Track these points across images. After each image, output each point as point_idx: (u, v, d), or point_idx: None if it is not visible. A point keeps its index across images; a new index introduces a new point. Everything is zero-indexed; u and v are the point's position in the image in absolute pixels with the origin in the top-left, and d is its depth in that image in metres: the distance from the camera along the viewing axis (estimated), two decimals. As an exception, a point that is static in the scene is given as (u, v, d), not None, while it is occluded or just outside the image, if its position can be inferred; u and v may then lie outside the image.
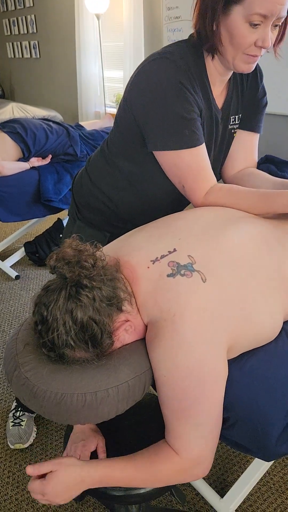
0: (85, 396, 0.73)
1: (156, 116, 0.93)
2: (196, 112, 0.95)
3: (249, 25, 0.86)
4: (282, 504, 1.28)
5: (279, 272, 0.83)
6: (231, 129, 1.12)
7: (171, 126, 0.93)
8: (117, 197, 1.14)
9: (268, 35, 0.87)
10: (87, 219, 1.23)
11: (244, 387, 0.76)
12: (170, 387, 0.73)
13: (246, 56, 0.91)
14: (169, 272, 0.77)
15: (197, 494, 1.30)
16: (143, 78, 0.94)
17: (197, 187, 0.99)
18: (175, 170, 0.99)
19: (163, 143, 0.95)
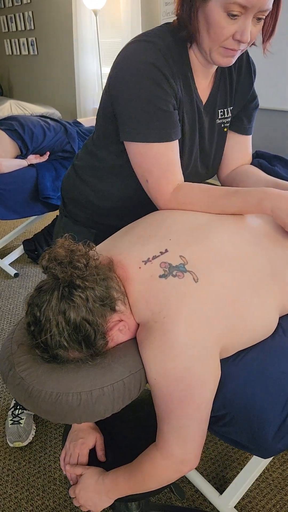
0: (80, 395, 0.72)
1: (129, 104, 0.87)
2: (173, 103, 0.89)
3: (227, 15, 0.79)
4: (281, 500, 1.28)
5: (271, 268, 0.83)
6: (221, 123, 1.07)
7: (143, 116, 0.87)
8: (100, 190, 1.11)
9: (247, 28, 0.81)
10: (73, 215, 1.21)
11: (241, 383, 0.76)
12: (158, 389, 0.74)
13: (224, 49, 0.85)
14: (161, 273, 0.77)
15: (197, 491, 1.31)
16: (120, 62, 0.88)
17: (164, 182, 0.92)
18: (140, 161, 0.92)
19: (133, 133, 0.89)
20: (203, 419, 0.74)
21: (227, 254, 0.80)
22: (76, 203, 1.18)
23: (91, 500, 0.84)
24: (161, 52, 0.85)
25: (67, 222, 1.23)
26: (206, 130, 1.04)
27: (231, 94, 1.05)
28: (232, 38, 0.83)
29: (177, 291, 0.74)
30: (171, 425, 0.74)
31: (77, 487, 0.86)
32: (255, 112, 1.11)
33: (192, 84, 0.95)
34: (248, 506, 1.26)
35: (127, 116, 0.88)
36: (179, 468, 0.76)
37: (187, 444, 0.74)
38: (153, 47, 0.85)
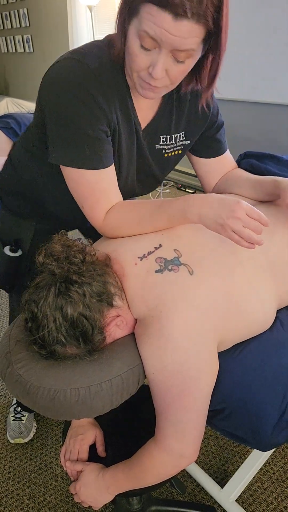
0: (78, 391, 0.72)
1: (59, 128, 0.80)
2: (104, 130, 0.81)
3: (140, 45, 0.71)
4: (283, 493, 1.28)
5: (266, 258, 0.83)
6: (162, 149, 0.98)
7: (72, 142, 0.80)
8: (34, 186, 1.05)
9: (158, 63, 0.71)
10: (11, 207, 1.14)
11: (239, 377, 0.76)
12: (156, 383, 0.74)
13: (141, 80, 0.77)
14: (157, 268, 0.77)
15: (198, 485, 1.31)
16: (48, 81, 0.80)
17: (98, 209, 0.87)
18: (74, 186, 0.86)
19: (63, 158, 0.82)
20: (201, 412, 0.74)
21: (221, 246, 0.80)
22: (13, 194, 1.11)
23: (92, 496, 0.84)
24: (93, 72, 0.77)
25: (5, 215, 1.16)
26: (146, 153, 0.97)
27: (179, 122, 0.96)
28: (147, 71, 0.74)
29: (173, 285, 0.74)
30: (169, 419, 0.74)
31: (78, 483, 0.86)
32: (222, 130, 1.05)
33: (130, 105, 0.86)
34: (250, 500, 1.27)
35: (58, 139, 0.81)
36: (177, 463, 0.76)
37: (185, 438, 0.74)
38: (84, 67, 0.77)
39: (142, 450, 0.79)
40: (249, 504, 1.25)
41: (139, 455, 0.79)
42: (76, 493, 0.86)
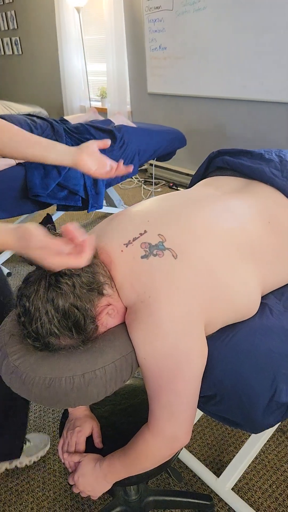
0: (73, 378, 0.74)
1: None
2: None
3: None
4: (277, 480, 1.30)
5: (250, 244, 0.86)
6: None
7: None
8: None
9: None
10: None
11: (230, 362, 0.78)
12: (148, 368, 0.76)
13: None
14: (142, 254, 0.79)
15: (194, 476, 1.33)
16: None
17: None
18: None
19: None
20: (192, 395, 0.76)
21: (204, 229, 0.83)
22: None
23: (90, 485, 0.86)
24: None
25: None
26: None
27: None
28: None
29: (159, 270, 0.77)
30: (161, 403, 0.76)
31: (76, 474, 0.87)
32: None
33: None
34: (245, 488, 1.29)
35: None
36: (170, 445, 0.78)
37: (177, 420, 0.76)
38: None
39: (136, 436, 0.81)
40: (245, 492, 1.27)
41: (134, 441, 0.81)
42: (75, 483, 0.87)
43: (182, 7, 3.06)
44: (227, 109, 3.04)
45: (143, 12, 3.36)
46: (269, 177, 1.01)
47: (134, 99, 3.88)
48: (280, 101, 2.70)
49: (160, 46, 3.37)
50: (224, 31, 2.81)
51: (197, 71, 3.14)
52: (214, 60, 2.97)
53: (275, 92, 2.70)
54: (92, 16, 3.92)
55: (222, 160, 1.13)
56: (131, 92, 3.87)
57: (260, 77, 2.74)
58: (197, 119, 3.30)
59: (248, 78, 2.82)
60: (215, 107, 3.12)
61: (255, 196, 0.97)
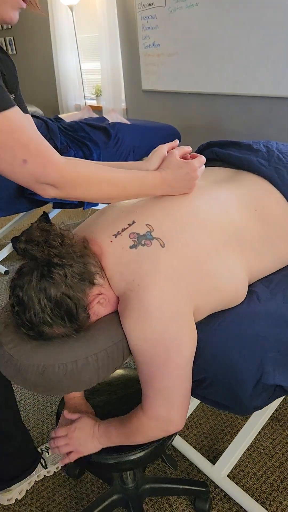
0: (66, 365, 0.76)
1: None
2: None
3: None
4: (272, 467, 1.33)
5: (237, 232, 0.88)
6: None
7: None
8: None
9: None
10: None
11: (218, 347, 0.80)
12: (140, 354, 0.78)
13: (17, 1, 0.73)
14: (131, 243, 0.82)
15: (191, 464, 1.35)
16: None
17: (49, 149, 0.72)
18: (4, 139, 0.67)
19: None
20: (184, 378, 0.78)
21: (191, 220, 0.85)
22: None
23: (83, 439, 0.89)
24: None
25: None
26: None
27: None
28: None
29: (147, 259, 0.79)
30: (155, 388, 0.78)
31: (73, 426, 0.90)
32: None
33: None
34: (240, 475, 1.31)
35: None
36: (165, 428, 0.80)
37: (172, 404, 0.78)
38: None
39: (131, 416, 0.83)
40: (240, 478, 1.30)
41: (130, 419, 0.84)
42: (67, 434, 0.90)
43: (175, 4, 3.07)
44: (221, 104, 3.05)
45: (135, 9, 3.37)
46: (256, 166, 1.03)
47: (129, 97, 3.89)
48: (273, 96, 2.71)
49: (153, 43, 3.38)
50: (217, 27, 2.83)
51: (190, 68, 3.15)
52: (207, 56, 2.98)
53: (268, 87, 2.72)
54: (85, 14, 3.93)
55: (211, 151, 1.15)
56: (126, 89, 3.88)
57: (253, 72, 2.76)
58: (192, 115, 3.31)
59: (241, 73, 2.84)
60: (209, 103, 3.13)
61: (242, 185, 1.00)
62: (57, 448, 0.91)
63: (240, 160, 1.07)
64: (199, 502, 1.21)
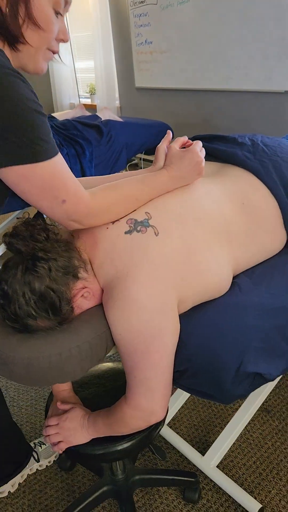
0: (50, 357, 0.78)
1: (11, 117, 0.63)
2: None
3: (54, 12, 0.72)
4: (261, 457, 1.34)
5: (225, 225, 0.90)
6: None
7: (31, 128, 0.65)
8: None
9: (65, 26, 0.76)
10: None
11: (201, 336, 0.82)
12: (123, 345, 0.79)
13: (49, 52, 0.76)
14: (126, 229, 0.84)
15: (181, 456, 1.37)
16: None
17: (80, 189, 0.77)
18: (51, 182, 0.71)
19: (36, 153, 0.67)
20: (166, 369, 0.80)
21: (184, 212, 0.87)
22: None
23: (73, 429, 0.91)
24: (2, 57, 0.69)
25: None
26: None
27: None
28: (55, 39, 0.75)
29: (138, 245, 0.81)
30: (137, 378, 0.79)
31: (64, 415, 0.93)
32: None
33: None
34: (230, 465, 1.33)
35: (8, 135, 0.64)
36: (146, 418, 0.82)
37: (153, 395, 0.80)
38: None
39: (116, 406, 0.85)
40: (230, 469, 1.32)
41: (114, 409, 0.85)
42: (58, 423, 0.92)
43: (166, 1, 3.08)
44: (213, 100, 3.07)
45: (128, 7, 3.38)
46: (241, 159, 1.04)
47: (123, 94, 3.90)
48: (264, 91, 2.73)
49: (146, 40, 3.39)
50: (208, 23, 2.84)
51: (183, 64, 3.16)
52: (199, 52, 2.99)
53: (259, 82, 2.73)
54: (78, 13, 3.93)
55: None
56: (120, 87, 3.89)
57: (245, 67, 2.77)
58: (185, 111, 3.32)
59: (233, 69, 2.85)
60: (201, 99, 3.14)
61: (229, 179, 1.01)
62: (48, 437, 0.93)
63: (226, 154, 1.09)
64: (188, 492, 1.23)
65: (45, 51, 0.76)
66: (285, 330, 0.84)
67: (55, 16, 0.73)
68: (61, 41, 0.77)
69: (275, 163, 1.02)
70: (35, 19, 0.70)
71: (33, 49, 0.74)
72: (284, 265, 0.97)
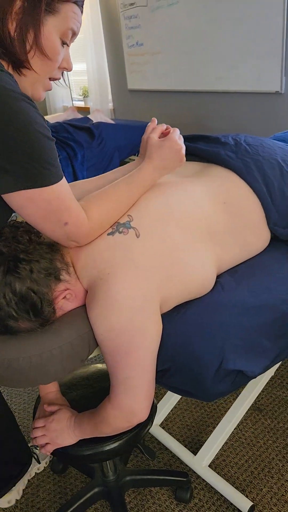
0: (30, 358, 0.78)
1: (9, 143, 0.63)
2: None
3: (61, 42, 0.75)
4: (253, 456, 1.34)
5: (207, 228, 0.91)
6: None
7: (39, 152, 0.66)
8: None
9: (69, 55, 0.79)
10: None
11: (181, 335, 0.82)
12: (105, 344, 0.79)
13: (48, 81, 0.78)
14: (109, 231, 0.84)
15: (173, 456, 1.37)
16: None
17: (81, 213, 0.78)
18: (56, 205, 0.72)
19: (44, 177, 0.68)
20: (148, 369, 0.80)
21: (165, 213, 0.88)
22: None
23: (60, 431, 0.91)
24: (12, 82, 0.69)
25: None
26: None
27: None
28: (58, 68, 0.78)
29: (120, 246, 0.82)
30: (119, 378, 0.80)
31: (51, 417, 0.93)
32: None
33: None
34: (222, 464, 1.33)
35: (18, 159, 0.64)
36: (129, 419, 0.82)
37: (134, 394, 0.80)
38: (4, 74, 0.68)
39: (100, 407, 0.85)
40: (222, 468, 1.32)
41: (98, 409, 0.86)
42: (44, 425, 0.92)
43: (156, 3, 3.09)
44: (204, 101, 3.07)
45: (118, 9, 3.39)
46: (223, 158, 1.04)
47: (116, 97, 3.91)
48: (255, 91, 2.73)
49: (137, 42, 3.40)
50: (198, 24, 2.84)
51: (174, 65, 3.17)
52: (189, 53, 3.00)
53: (250, 83, 2.73)
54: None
55: None
56: (112, 89, 3.90)
57: (235, 68, 2.78)
58: (178, 113, 3.33)
59: (224, 69, 2.86)
60: (193, 100, 3.15)
61: (211, 178, 1.01)
62: (34, 439, 0.93)
63: (209, 153, 1.09)
64: (180, 492, 1.23)
65: (46, 79, 0.78)
66: (265, 327, 0.84)
67: (62, 46, 0.75)
68: (64, 70, 0.80)
69: (257, 162, 1.02)
70: (43, 48, 0.72)
71: (36, 76, 0.76)
72: (266, 263, 0.97)
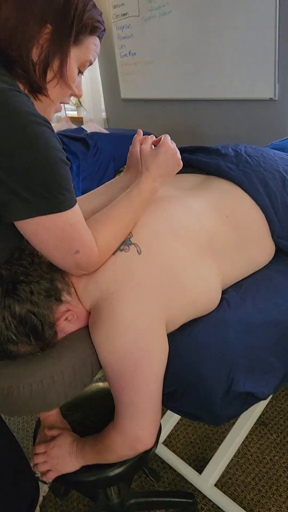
0: (31, 385, 0.74)
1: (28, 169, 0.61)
2: None
3: (78, 71, 0.78)
4: (260, 473, 1.31)
5: (210, 239, 0.88)
6: None
7: (57, 179, 0.64)
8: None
9: (80, 83, 0.82)
10: None
11: (187, 356, 0.79)
12: (109, 367, 0.76)
13: (59, 105, 0.80)
14: None
15: (178, 475, 1.33)
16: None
17: (91, 241, 0.75)
18: (68, 233, 0.69)
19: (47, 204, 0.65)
20: (154, 393, 0.77)
21: (165, 229, 0.85)
22: None
23: (61, 457, 0.87)
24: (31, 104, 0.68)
25: None
26: None
27: None
28: None
29: (122, 264, 0.79)
30: (124, 403, 0.76)
31: (52, 443, 0.89)
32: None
33: None
34: (228, 483, 1.29)
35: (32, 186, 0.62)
36: (133, 445, 0.78)
37: (139, 420, 0.76)
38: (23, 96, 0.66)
39: (104, 432, 0.82)
40: (228, 487, 1.28)
41: (102, 434, 0.82)
42: (46, 451, 0.88)
43: (148, 13, 3.09)
44: (198, 109, 3.07)
45: (110, 19, 3.40)
46: (224, 171, 1.02)
47: (109, 106, 3.90)
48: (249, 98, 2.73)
49: (129, 52, 3.40)
50: (190, 34, 2.85)
51: (167, 74, 3.17)
52: (182, 62, 3.00)
53: (243, 91, 2.73)
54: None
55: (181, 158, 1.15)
56: (105, 99, 3.89)
57: (228, 76, 2.78)
58: (171, 121, 3.32)
59: (217, 77, 2.86)
60: (187, 108, 3.15)
61: (212, 191, 0.99)
62: (35, 466, 0.89)
63: (209, 165, 1.07)
64: (186, 514, 1.19)
65: (58, 104, 0.80)
66: (273, 345, 0.81)
67: (77, 74, 0.78)
68: (75, 96, 0.81)
69: (258, 173, 1.00)
70: (66, 77, 0.75)
71: (50, 101, 0.77)
72: (271, 277, 0.94)
